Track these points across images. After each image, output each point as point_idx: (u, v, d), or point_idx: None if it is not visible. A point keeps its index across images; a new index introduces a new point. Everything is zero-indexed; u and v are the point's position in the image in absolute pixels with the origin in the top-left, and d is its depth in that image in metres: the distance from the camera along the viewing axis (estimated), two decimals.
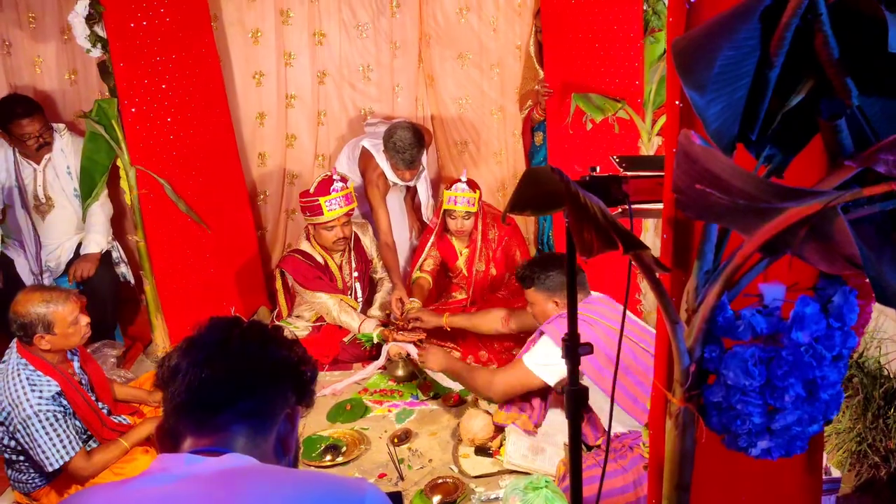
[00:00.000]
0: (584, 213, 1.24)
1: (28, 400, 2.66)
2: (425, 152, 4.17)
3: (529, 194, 1.54)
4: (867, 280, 1.15)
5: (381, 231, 4.17)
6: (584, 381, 2.84)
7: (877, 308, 2.62)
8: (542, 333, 2.89)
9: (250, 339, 1.20)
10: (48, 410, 2.68)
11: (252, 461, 1.10)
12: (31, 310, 2.71)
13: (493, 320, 3.60)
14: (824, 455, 2.13)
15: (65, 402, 2.77)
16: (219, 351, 1.18)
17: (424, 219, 4.54)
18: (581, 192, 1.25)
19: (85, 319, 2.85)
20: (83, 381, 2.96)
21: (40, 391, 2.70)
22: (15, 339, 2.79)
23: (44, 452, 2.68)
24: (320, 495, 1.03)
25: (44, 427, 2.67)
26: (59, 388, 2.75)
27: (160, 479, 1.07)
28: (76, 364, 2.97)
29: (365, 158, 4.21)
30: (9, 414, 2.68)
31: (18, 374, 2.70)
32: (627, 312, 2.84)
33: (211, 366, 1.16)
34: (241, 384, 1.16)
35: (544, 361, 2.81)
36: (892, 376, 2.86)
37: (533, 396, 3.09)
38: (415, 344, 3.72)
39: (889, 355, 2.93)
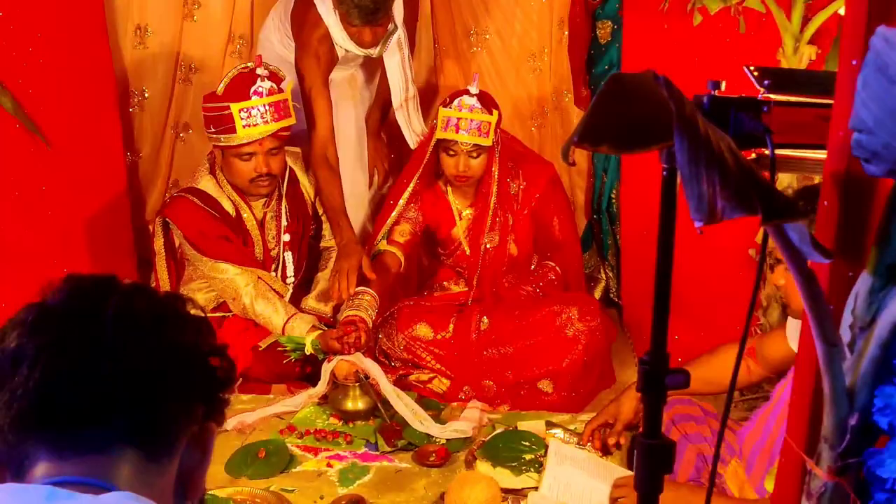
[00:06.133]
0: (705, 154, 0.97)
1: None
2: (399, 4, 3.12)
3: (613, 117, 1.09)
4: None
5: (318, 136, 3.15)
6: None
7: None
8: None
9: (135, 312, 0.90)
10: None
11: None
12: None
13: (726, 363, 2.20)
14: None
15: None
16: (86, 329, 0.88)
17: (403, 131, 3.31)
18: (702, 120, 0.98)
19: None
20: None
21: None
22: None
23: None
24: None
25: None
26: None
27: None
28: None
29: (302, 9, 3.15)
30: None
31: None
32: None
33: (74, 352, 0.87)
34: (123, 383, 0.87)
35: None
36: None
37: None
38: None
39: None
